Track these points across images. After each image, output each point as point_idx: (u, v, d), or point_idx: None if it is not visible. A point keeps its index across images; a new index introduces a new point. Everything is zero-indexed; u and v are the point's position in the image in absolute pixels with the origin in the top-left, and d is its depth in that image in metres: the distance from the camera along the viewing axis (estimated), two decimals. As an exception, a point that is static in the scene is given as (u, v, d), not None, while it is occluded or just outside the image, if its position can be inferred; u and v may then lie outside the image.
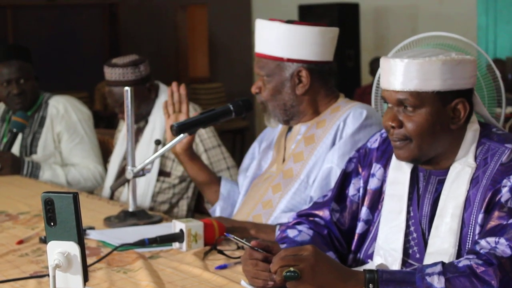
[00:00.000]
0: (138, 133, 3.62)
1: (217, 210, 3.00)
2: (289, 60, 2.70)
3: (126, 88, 2.83)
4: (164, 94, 3.63)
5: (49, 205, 1.66)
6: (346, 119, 2.67)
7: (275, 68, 2.71)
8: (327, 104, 2.76)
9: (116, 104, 3.59)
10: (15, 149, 4.01)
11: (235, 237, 2.02)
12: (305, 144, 2.72)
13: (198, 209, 3.67)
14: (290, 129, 2.84)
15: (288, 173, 2.72)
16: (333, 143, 2.66)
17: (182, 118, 2.94)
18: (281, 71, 2.71)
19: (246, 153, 3.08)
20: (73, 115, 4.08)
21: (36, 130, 4.04)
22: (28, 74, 4.02)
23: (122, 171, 3.62)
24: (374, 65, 7.95)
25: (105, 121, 9.61)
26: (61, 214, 1.66)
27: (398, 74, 1.98)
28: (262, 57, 2.73)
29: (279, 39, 2.68)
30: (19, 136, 4.01)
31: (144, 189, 3.50)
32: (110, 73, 3.56)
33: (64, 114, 4.06)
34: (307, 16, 8.85)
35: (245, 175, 3.00)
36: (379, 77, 2.55)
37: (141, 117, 3.62)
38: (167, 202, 3.56)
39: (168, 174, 3.53)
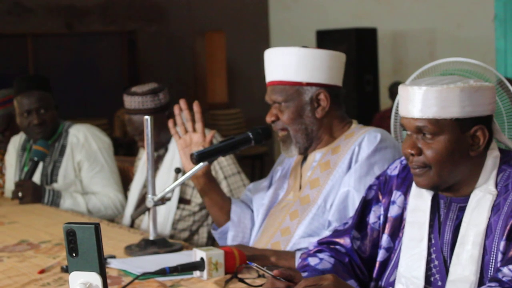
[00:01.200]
0: (158, 161, 3.63)
1: (229, 238, 2.99)
2: (308, 84, 2.71)
3: (146, 116, 2.84)
4: (183, 121, 3.64)
5: (71, 236, 1.67)
6: (361, 143, 2.68)
7: (294, 93, 2.73)
8: (341, 130, 2.78)
9: (136, 132, 3.60)
10: (36, 178, 4.03)
11: (258, 266, 2.02)
12: (321, 170, 2.73)
13: (218, 236, 3.66)
14: (305, 158, 2.84)
15: (305, 200, 2.73)
16: (349, 167, 2.67)
17: (198, 137, 2.92)
18: (300, 96, 2.72)
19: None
20: (93, 144, 4.11)
21: (56, 159, 4.07)
22: (48, 104, 4.05)
23: (142, 199, 3.63)
24: (394, 89, 7.94)
25: (124, 148, 9.65)
26: (83, 245, 1.67)
27: (416, 101, 1.99)
28: (278, 84, 2.74)
29: (298, 64, 2.70)
30: (40, 165, 4.04)
31: (165, 217, 3.51)
32: (130, 102, 3.58)
33: (84, 143, 4.09)
34: (325, 41, 8.85)
35: (260, 202, 2.96)
36: (397, 104, 2.55)
37: (161, 145, 3.64)
38: (187, 229, 3.56)
39: (188, 202, 3.53)
